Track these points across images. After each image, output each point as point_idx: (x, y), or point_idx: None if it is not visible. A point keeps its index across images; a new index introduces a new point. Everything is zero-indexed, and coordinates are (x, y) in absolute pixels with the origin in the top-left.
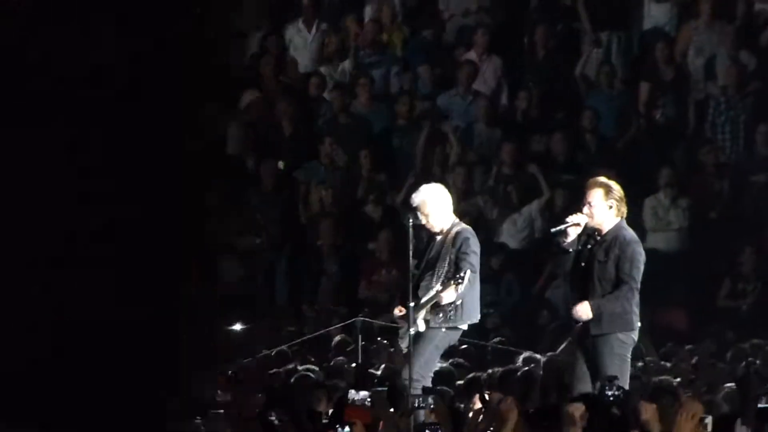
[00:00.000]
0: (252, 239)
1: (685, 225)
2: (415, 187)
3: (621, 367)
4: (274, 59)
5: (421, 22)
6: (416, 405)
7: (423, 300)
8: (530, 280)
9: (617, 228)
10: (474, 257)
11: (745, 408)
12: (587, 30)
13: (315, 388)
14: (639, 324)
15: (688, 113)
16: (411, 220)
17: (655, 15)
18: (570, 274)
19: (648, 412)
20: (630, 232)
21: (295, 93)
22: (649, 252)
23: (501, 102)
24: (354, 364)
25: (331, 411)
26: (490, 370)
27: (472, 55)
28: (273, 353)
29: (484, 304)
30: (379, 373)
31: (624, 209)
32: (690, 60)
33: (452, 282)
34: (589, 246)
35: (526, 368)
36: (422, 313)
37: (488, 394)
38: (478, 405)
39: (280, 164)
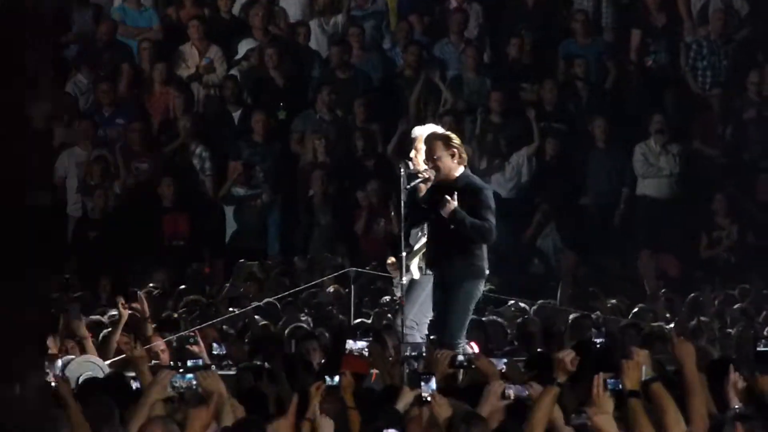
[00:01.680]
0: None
1: (676, 171)
2: (406, 136)
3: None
4: (263, 9)
5: None
6: (408, 354)
7: (416, 247)
8: (520, 229)
9: (465, 176)
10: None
11: (740, 353)
12: None
13: (307, 339)
14: (487, 272)
15: (679, 60)
16: (402, 169)
17: None
18: (427, 229)
19: (640, 357)
20: (478, 179)
21: (284, 43)
22: (639, 198)
23: (488, 50)
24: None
25: (323, 361)
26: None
27: (452, 3)
28: (263, 304)
29: None
30: (369, 322)
31: (465, 156)
32: (681, 3)
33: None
34: (438, 196)
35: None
36: (416, 260)
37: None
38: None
39: (281, 114)
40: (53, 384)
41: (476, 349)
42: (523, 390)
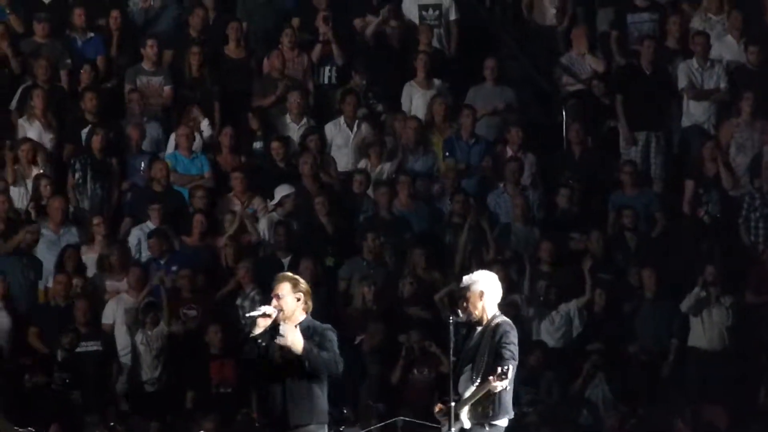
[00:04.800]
0: None
1: (729, 324)
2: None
3: None
4: (312, 157)
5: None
6: None
7: (466, 395)
8: (569, 379)
9: (307, 320)
10: (514, 348)
11: None
12: (625, 129)
13: None
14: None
15: (731, 211)
16: (452, 318)
17: (694, 113)
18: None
19: None
20: (320, 323)
21: (333, 190)
22: (690, 350)
23: (538, 199)
24: None
25: None
26: None
27: (508, 151)
28: None
29: (524, 402)
30: None
31: (311, 305)
32: (732, 157)
33: (495, 378)
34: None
35: None
36: (465, 409)
37: None
38: None
39: (329, 260)
40: None
41: None
42: None
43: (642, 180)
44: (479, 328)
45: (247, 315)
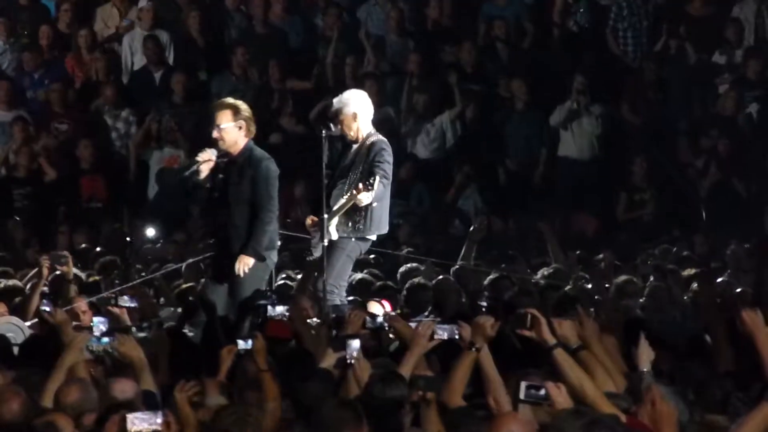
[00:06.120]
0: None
1: (598, 133)
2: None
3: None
4: None
5: None
6: (331, 317)
7: (335, 207)
8: (441, 190)
9: (247, 149)
10: (387, 166)
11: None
12: None
13: None
14: (279, 243)
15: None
16: (324, 131)
17: None
18: (206, 203)
19: (563, 327)
20: (260, 151)
21: (205, 3)
22: (561, 159)
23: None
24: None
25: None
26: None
27: None
28: (183, 267)
29: (394, 214)
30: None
31: (253, 128)
32: None
33: (362, 187)
34: (221, 173)
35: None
36: (334, 221)
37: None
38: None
39: (202, 74)
40: None
41: (388, 308)
42: (454, 331)
43: None
44: (354, 146)
45: (186, 173)
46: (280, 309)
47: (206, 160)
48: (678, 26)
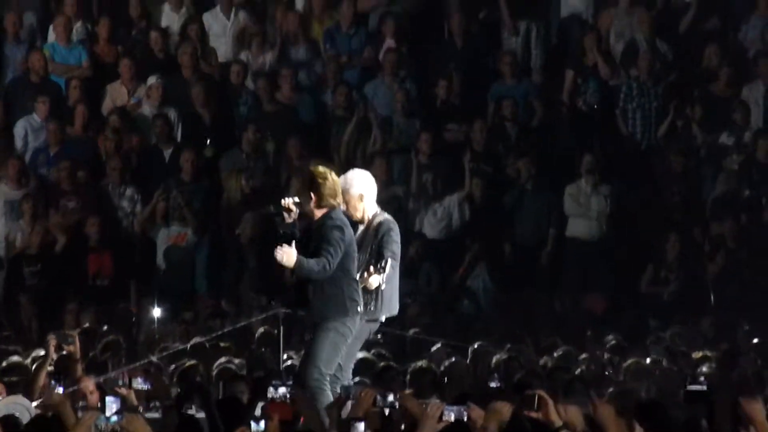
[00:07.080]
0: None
1: (606, 212)
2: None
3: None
4: (191, 47)
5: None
6: (345, 396)
7: None
8: (450, 270)
9: (325, 216)
10: (396, 246)
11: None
12: (506, 19)
13: (236, 380)
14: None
15: (609, 101)
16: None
17: (572, 2)
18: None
19: (570, 412)
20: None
21: (213, 80)
22: (570, 239)
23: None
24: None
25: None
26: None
27: (390, 43)
28: (188, 347)
29: (403, 293)
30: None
31: (332, 202)
32: (612, 46)
33: (373, 270)
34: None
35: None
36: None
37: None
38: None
39: (208, 151)
40: None
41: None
42: (462, 412)
43: (522, 70)
44: (361, 227)
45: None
46: (282, 390)
47: (288, 207)
48: (685, 107)
